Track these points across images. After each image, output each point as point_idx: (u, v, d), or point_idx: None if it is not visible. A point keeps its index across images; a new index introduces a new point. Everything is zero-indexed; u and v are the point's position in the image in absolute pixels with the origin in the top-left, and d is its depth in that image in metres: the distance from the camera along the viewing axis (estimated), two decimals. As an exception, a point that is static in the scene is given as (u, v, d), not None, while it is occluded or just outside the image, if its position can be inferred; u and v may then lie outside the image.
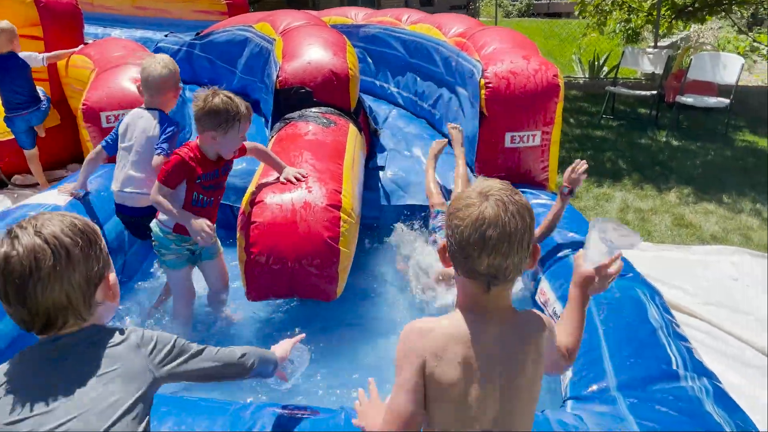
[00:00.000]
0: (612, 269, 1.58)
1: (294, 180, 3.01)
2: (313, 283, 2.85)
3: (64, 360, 1.22)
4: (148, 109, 3.21)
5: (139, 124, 3.16)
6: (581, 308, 1.59)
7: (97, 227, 1.31)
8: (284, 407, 1.91)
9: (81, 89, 4.64)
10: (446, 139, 4.16)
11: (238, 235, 2.96)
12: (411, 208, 4.09)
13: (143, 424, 1.22)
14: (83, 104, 4.05)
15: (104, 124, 4.00)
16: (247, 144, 3.03)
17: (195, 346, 1.44)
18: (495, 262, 1.28)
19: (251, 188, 3.14)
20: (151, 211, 2.98)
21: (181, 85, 4.62)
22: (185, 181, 2.81)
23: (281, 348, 1.84)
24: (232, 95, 2.76)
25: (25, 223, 1.22)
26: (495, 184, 1.33)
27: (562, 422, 1.84)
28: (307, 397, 2.55)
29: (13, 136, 5.07)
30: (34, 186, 5.16)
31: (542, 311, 2.84)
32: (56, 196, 3.32)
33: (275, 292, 2.90)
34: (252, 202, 2.97)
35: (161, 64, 3.14)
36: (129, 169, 3.17)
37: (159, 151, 3.04)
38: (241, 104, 2.74)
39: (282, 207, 2.90)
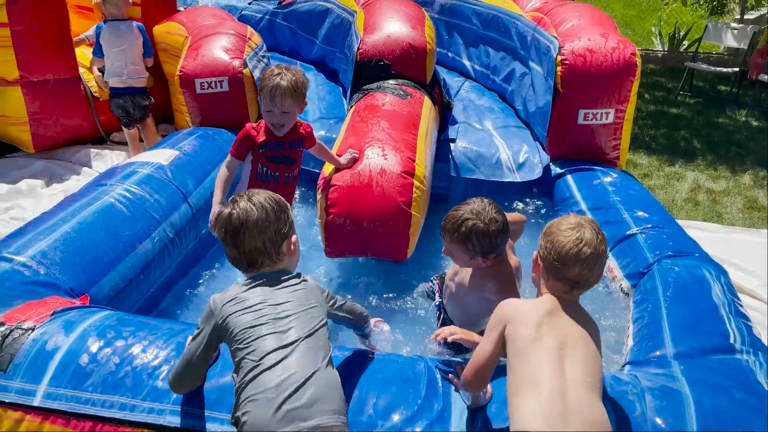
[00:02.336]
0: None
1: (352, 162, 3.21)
2: (386, 244, 3.11)
3: (276, 285, 1.79)
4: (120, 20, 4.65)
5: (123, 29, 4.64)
6: None
7: (286, 202, 1.88)
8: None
9: (176, 55, 4.98)
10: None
11: (318, 196, 3.23)
12: (479, 182, 4.23)
13: (326, 338, 1.77)
14: (180, 71, 4.37)
15: (198, 90, 4.32)
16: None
17: (339, 298, 2.01)
18: (583, 273, 1.73)
19: (336, 143, 3.39)
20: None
21: (265, 53, 4.89)
22: (250, 152, 2.96)
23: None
24: (289, 69, 2.82)
25: (242, 194, 1.83)
26: (587, 218, 1.81)
27: (617, 379, 2.01)
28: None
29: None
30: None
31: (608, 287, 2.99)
32: (159, 156, 3.67)
33: (351, 250, 3.18)
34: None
35: None
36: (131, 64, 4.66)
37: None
38: (284, 78, 2.76)
39: (360, 172, 3.15)
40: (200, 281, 3.36)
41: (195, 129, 4.25)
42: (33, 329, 2.06)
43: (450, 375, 1.98)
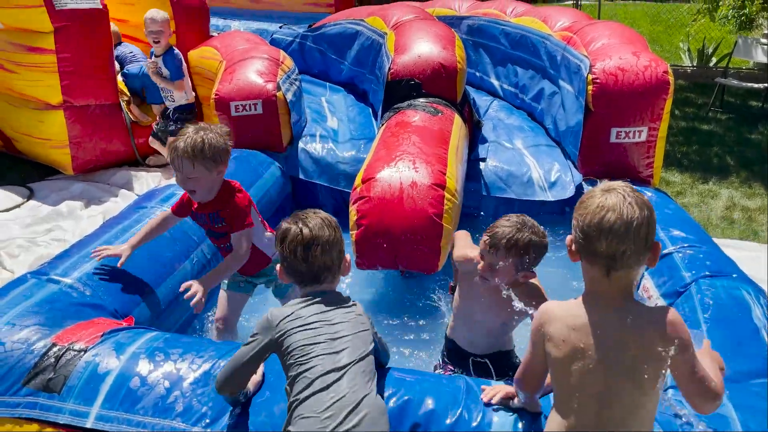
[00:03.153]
0: None
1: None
2: (417, 256, 3.11)
3: (331, 306, 1.83)
4: None
5: None
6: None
7: (337, 223, 1.93)
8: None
9: (211, 79, 5.11)
10: None
11: (350, 209, 3.26)
12: (510, 201, 4.23)
13: (374, 363, 1.82)
14: (215, 94, 4.49)
15: (233, 113, 4.42)
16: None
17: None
18: (613, 245, 1.43)
19: (363, 167, 3.43)
20: None
21: (297, 77, 4.99)
22: None
23: None
24: (201, 129, 2.49)
25: (305, 212, 1.91)
26: (618, 183, 1.52)
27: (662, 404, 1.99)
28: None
29: (150, 122, 5.66)
30: (165, 166, 5.73)
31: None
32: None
33: (382, 262, 3.19)
34: (363, 180, 3.27)
35: None
36: None
37: None
38: (184, 140, 2.44)
39: (391, 185, 3.17)
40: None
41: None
42: (85, 351, 2.11)
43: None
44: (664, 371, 1.49)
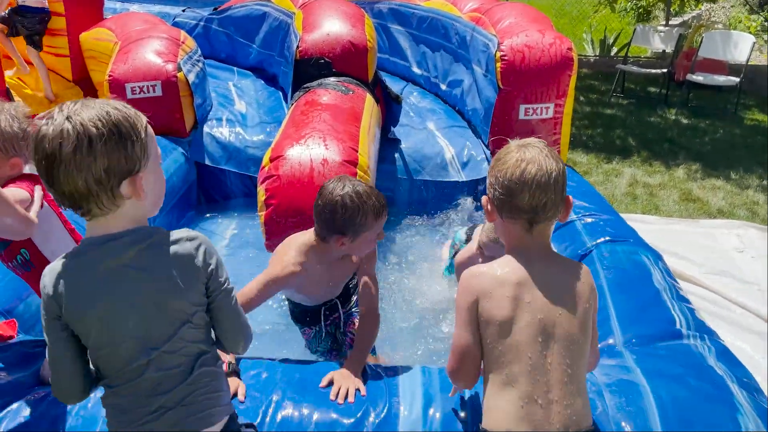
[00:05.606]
0: None
1: None
2: None
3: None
4: None
5: None
6: None
7: (140, 121, 1.28)
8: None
9: (105, 62, 4.75)
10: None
11: (258, 188, 3.09)
12: (425, 183, 4.21)
13: None
14: (109, 75, 4.17)
15: (129, 95, 4.12)
16: None
17: None
18: (536, 197, 1.43)
19: (271, 146, 3.27)
20: None
21: (200, 58, 4.74)
22: None
23: None
24: None
25: (65, 106, 1.23)
26: (532, 139, 1.52)
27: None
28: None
29: (41, 112, 5.21)
30: None
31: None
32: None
33: None
34: (272, 158, 3.11)
35: None
36: None
37: None
38: None
39: (301, 162, 3.03)
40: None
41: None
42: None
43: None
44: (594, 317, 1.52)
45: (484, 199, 1.56)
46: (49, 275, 1.28)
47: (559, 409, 1.41)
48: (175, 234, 1.32)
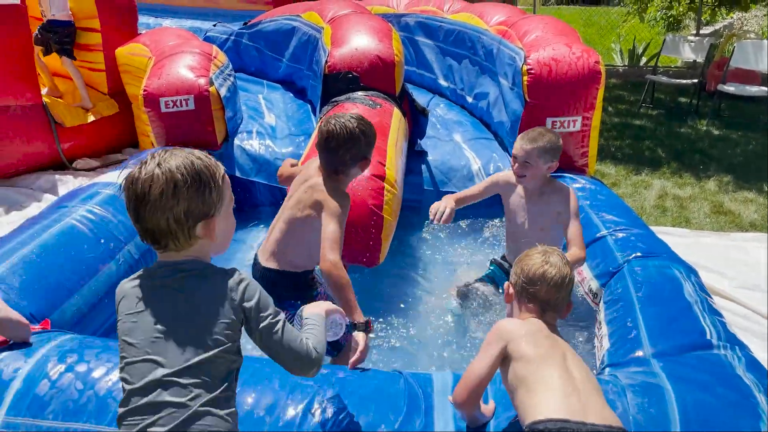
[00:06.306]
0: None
1: None
2: (358, 248, 3.02)
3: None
4: None
5: None
6: None
7: (218, 171, 1.45)
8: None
9: (140, 77, 4.90)
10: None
11: None
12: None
13: None
14: (144, 90, 4.29)
15: (163, 109, 4.24)
16: None
17: None
18: (551, 292, 1.83)
19: (301, 160, 3.33)
20: None
21: (231, 72, 4.87)
22: None
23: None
24: None
25: (156, 154, 1.41)
26: (554, 248, 1.93)
27: (599, 379, 1.98)
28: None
29: (78, 123, 5.40)
30: (94, 169, 5.47)
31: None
32: (122, 177, 3.56)
33: None
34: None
35: None
36: None
37: None
38: None
39: None
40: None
41: (159, 149, 4.15)
42: (-11, 357, 1.95)
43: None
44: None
45: (506, 284, 1.95)
46: (120, 286, 1.48)
47: (591, 404, 1.59)
48: (222, 270, 1.46)
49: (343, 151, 2.39)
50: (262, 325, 1.44)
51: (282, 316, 1.50)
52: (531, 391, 1.64)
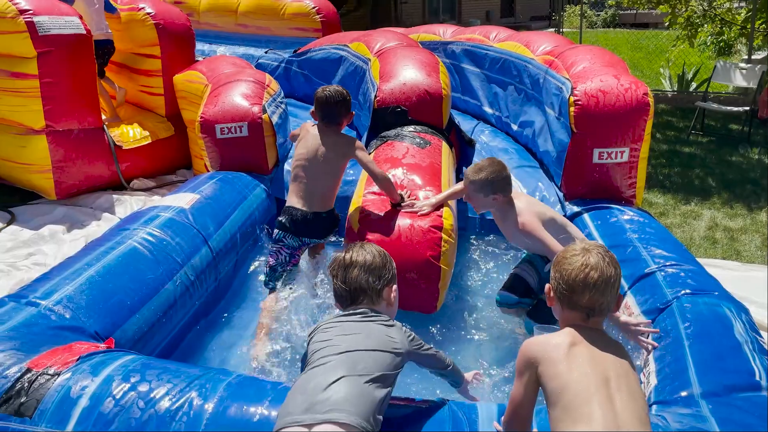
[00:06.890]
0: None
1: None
2: (416, 297, 3.16)
3: (357, 318, 2.03)
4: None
5: None
6: None
7: (391, 258, 2.20)
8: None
9: (196, 103, 5.12)
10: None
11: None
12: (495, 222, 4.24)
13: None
14: (201, 117, 4.49)
15: (218, 135, 4.42)
16: None
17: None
18: (594, 298, 1.70)
19: (357, 202, 3.43)
20: None
21: (282, 100, 5.04)
22: None
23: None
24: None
25: (349, 249, 2.16)
26: (594, 243, 1.80)
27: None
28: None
29: (135, 146, 5.66)
30: (149, 190, 5.71)
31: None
32: (180, 200, 3.74)
33: None
34: (360, 220, 3.29)
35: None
36: None
37: None
38: None
39: (389, 227, 3.21)
40: (219, 323, 3.37)
41: (215, 173, 4.33)
42: (58, 375, 2.08)
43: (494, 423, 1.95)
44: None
45: (547, 287, 1.84)
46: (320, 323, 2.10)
47: None
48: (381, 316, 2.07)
49: (338, 107, 3.43)
50: (418, 349, 2.17)
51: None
52: (566, 422, 1.57)
